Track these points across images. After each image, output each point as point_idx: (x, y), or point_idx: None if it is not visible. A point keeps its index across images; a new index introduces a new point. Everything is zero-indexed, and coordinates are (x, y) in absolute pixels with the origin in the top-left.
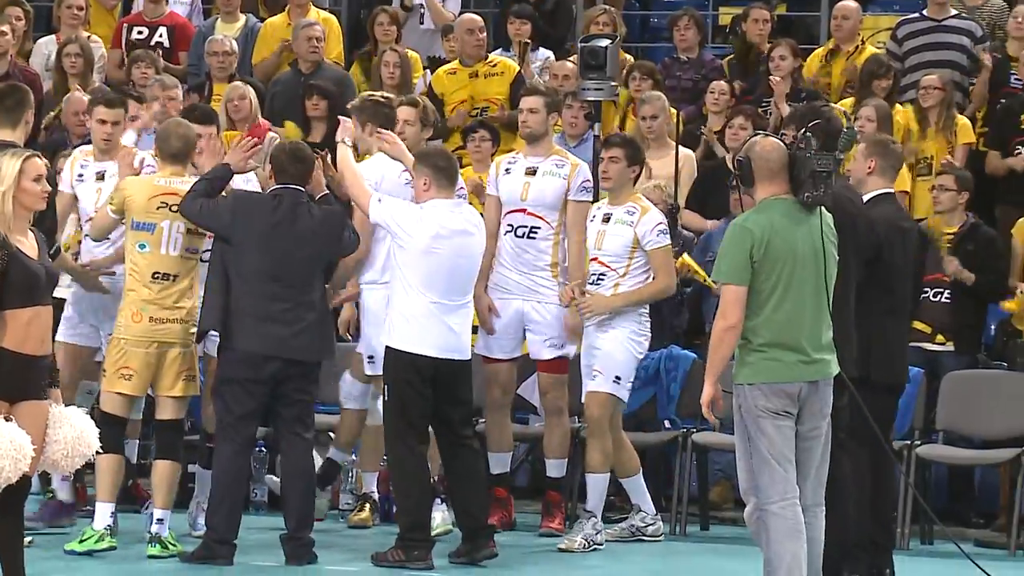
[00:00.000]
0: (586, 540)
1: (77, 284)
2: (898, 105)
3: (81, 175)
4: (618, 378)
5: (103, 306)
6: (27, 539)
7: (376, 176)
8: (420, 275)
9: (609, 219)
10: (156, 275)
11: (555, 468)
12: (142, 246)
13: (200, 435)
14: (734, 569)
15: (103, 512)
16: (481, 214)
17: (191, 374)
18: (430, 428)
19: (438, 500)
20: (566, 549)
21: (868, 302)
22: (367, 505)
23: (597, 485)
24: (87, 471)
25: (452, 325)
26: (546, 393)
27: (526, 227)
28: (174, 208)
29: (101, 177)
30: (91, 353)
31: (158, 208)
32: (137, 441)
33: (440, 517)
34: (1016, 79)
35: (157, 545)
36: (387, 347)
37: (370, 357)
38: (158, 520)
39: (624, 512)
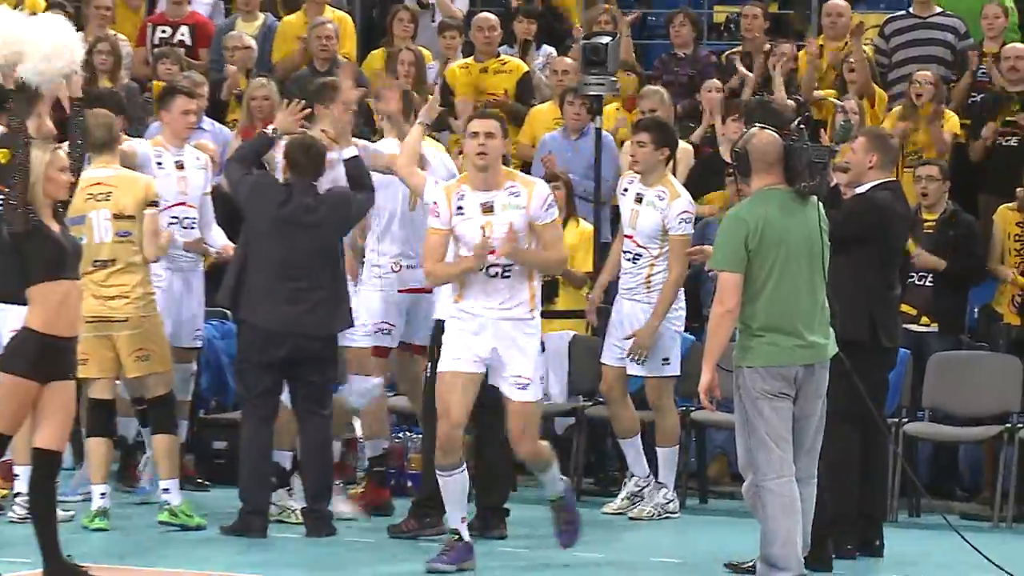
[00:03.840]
0: (657, 509)
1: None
2: (882, 93)
3: (160, 163)
4: (666, 360)
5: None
6: (70, 513)
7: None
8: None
9: (641, 200)
10: (96, 262)
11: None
12: (80, 239)
13: None
14: (733, 540)
15: (95, 493)
16: None
17: (144, 354)
18: None
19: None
20: (636, 518)
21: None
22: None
23: (667, 457)
24: (140, 451)
25: None
26: None
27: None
28: (99, 197)
29: (181, 167)
30: None
31: (86, 200)
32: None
33: None
34: (983, 72)
35: (166, 512)
36: (436, 321)
37: None
38: (164, 490)
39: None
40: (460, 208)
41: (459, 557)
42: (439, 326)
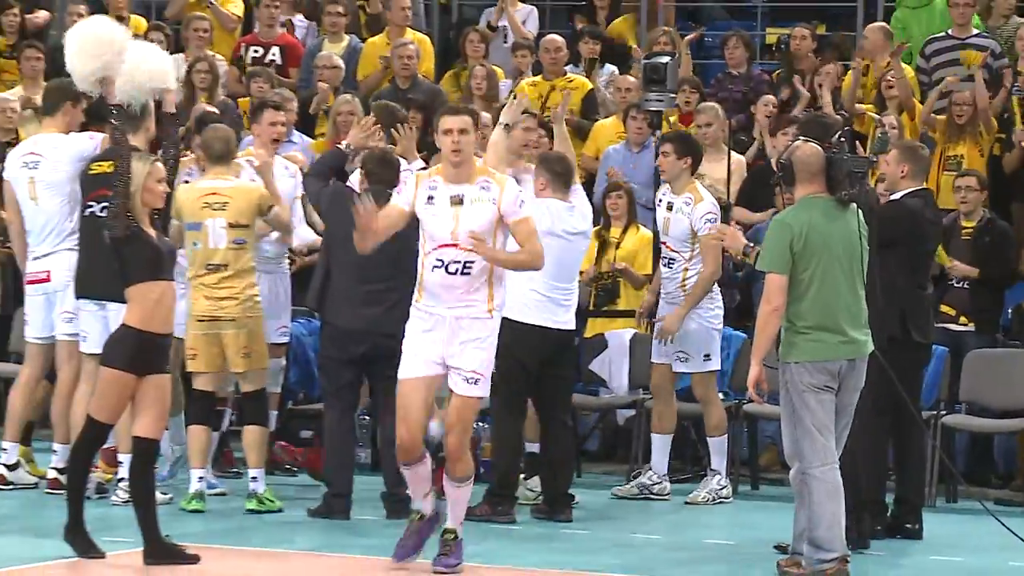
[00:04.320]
0: (711, 494)
1: None
2: (921, 107)
3: (253, 178)
4: (707, 356)
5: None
6: (167, 496)
7: None
8: None
9: (672, 207)
10: (209, 266)
11: None
12: (195, 244)
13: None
14: (781, 524)
15: (193, 477)
16: None
17: (249, 351)
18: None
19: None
20: (691, 502)
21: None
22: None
23: (717, 446)
24: (233, 439)
25: (561, 301)
26: None
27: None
28: (215, 206)
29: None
30: None
31: (202, 208)
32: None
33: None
34: (1017, 88)
35: (254, 500)
36: (504, 319)
37: None
38: (252, 478)
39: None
40: (431, 198)
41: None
42: (507, 325)
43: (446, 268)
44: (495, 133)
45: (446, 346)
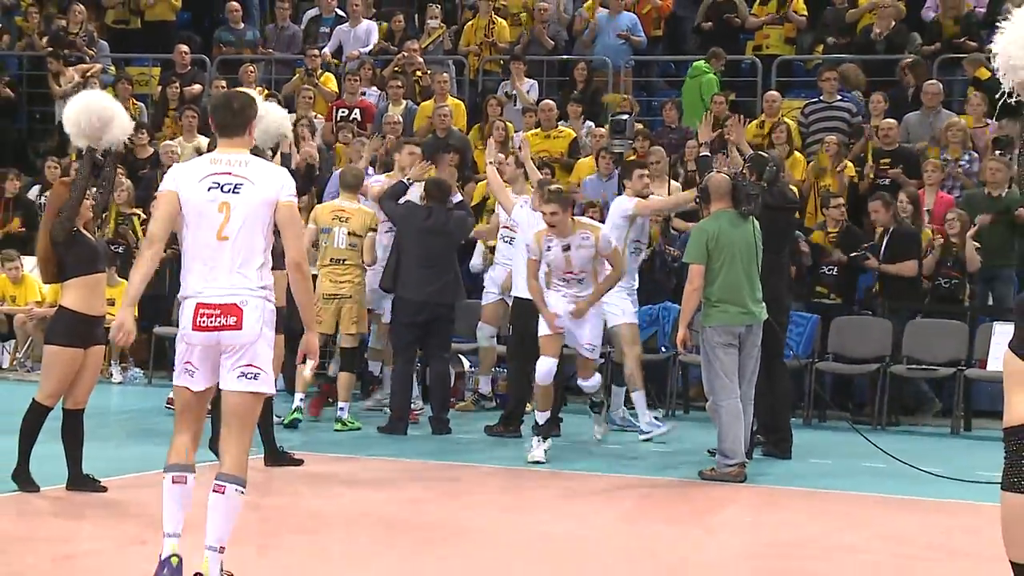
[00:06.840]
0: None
1: None
2: (796, 153)
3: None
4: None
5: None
6: (279, 418)
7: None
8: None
9: (569, 248)
10: (333, 260)
11: None
12: (324, 243)
13: None
14: (704, 437)
15: (345, 407)
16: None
17: (357, 319)
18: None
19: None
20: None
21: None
22: (469, 398)
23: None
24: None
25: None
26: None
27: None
28: (342, 219)
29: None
30: None
31: (333, 219)
32: (380, 363)
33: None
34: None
35: (339, 423)
36: (516, 298)
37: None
38: (340, 408)
39: None
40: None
41: None
42: (516, 302)
43: None
44: (488, 170)
45: None
